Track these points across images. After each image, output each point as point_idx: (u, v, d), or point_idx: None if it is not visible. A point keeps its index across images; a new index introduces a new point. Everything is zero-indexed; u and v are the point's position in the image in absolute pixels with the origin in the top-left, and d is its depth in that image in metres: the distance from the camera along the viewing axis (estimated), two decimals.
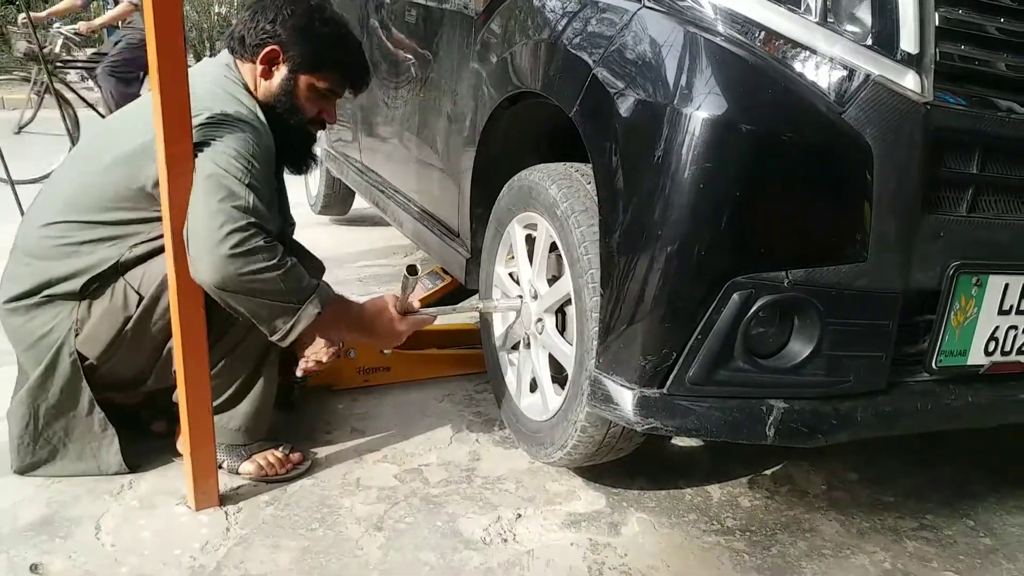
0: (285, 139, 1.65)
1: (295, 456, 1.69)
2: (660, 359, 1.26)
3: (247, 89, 1.62)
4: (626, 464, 1.74)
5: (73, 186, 1.56)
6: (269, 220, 1.43)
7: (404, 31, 2.47)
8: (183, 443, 1.52)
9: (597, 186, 1.35)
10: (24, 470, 1.59)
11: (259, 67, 1.62)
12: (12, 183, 3.44)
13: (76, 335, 1.52)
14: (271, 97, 1.64)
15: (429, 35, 2.23)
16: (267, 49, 1.61)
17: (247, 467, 1.65)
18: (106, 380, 1.58)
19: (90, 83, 5.86)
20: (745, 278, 1.21)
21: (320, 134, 1.87)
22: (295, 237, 1.80)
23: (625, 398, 1.29)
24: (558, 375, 1.65)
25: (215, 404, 1.53)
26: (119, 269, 1.50)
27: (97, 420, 1.58)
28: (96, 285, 1.51)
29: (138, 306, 1.51)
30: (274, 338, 1.47)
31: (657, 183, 1.22)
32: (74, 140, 4.56)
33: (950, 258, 1.27)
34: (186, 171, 1.35)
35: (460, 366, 2.23)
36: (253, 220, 1.38)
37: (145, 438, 1.73)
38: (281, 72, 1.63)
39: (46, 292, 1.52)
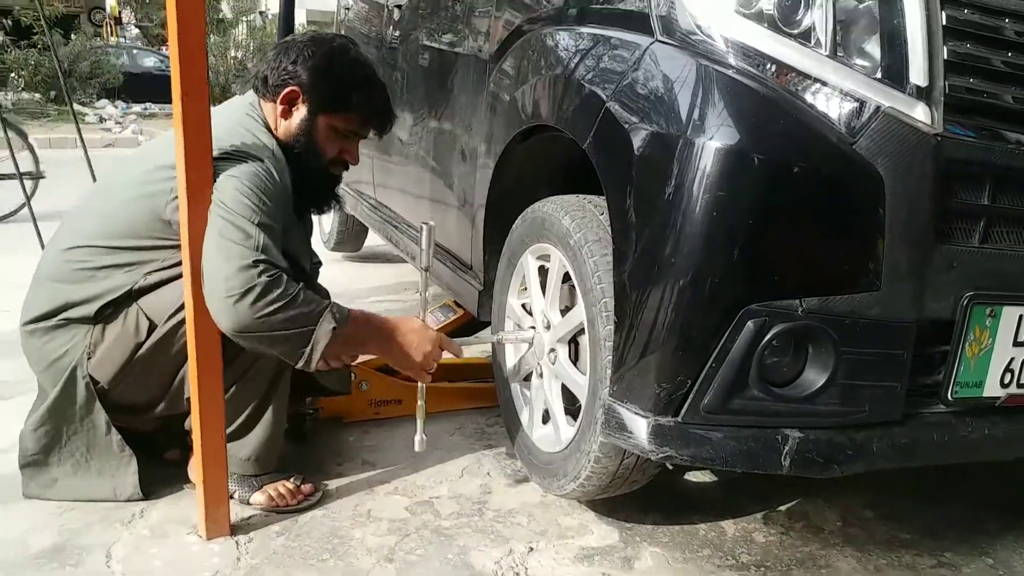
0: (305, 179, 1.67)
1: (306, 487, 1.68)
2: (675, 387, 1.25)
3: (267, 127, 1.65)
4: (639, 498, 1.72)
5: (93, 213, 1.61)
6: (279, 256, 1.44)
7: (419, 71, 2.52)
8: (195, 471, 1.52)
9: (611, 216, 1.37)
10: (42, 488, 1.59)
11: (279, 107, 1.64)
12: (35, 219, 3.50)
13: (89, 358, 1.54)
14: (290, 137, 1.65)
15: (443, 75, 2.28)
16: (287, 89, 1.62)
17: (258, 498, 1.64)
18: (118, 404, 1.59)
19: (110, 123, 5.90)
20: (759, 306, 1.21)
21: None
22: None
23: (639, 426, 1.28)
24: (571, 406, 1.64)
25: (226, 432, 1.53)
26: (133, 295, 1.53)
27: (115, 441, 1.60)
28: (111, 310, 1.53)
29: (149, 333, 1.53)
30: (299, 364, 1.45)
31: (670, 212, 1.23)
32: None
33: (964, 288, 1.27)
34: (205, 199, 1.37)
35: (471, 400, 2.22)
36: (262, 257, 1.39)
37: (158, 465, 1.73)
38: (300, 112, 1.64)
39: (63, 315, 1.55)
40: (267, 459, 1.65)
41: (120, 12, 19.87)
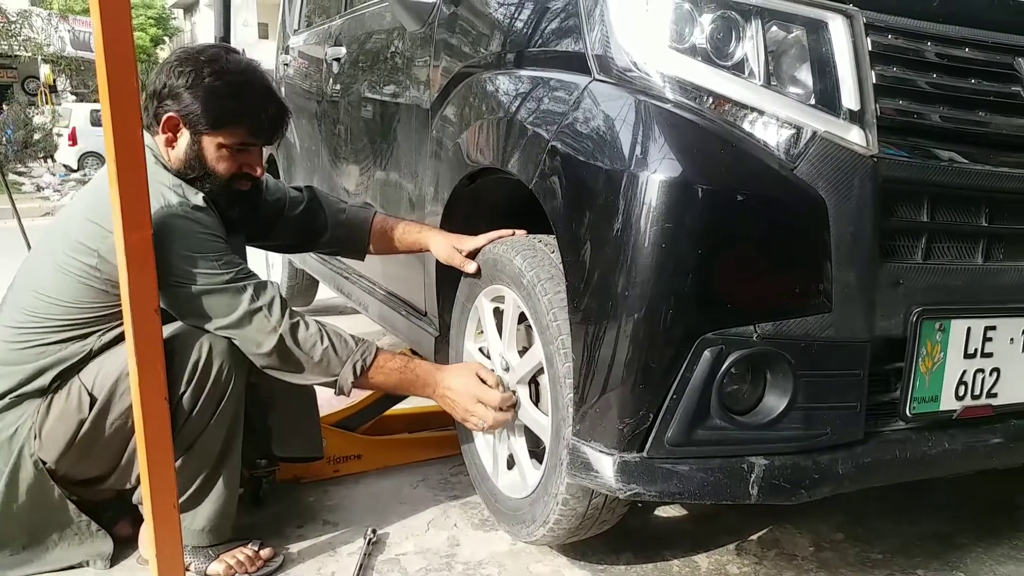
0: (217, 205, 1.59)
1: (265, 552, 1.62)
2: (637, 421, 1.24)
3: (161, 163, 1.57)
4: (610, 539, 1.69)
5: (30, 289, 1.54)
6: (252, 273, 1.52)
7: (361, 123, 2.51)
8: (147, 546, 1.45)
9: (561, 252, 1.36)
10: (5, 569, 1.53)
11: (163, 136, 1.55)
12: None
13: (36, 438, 1.48)
14: (181, 165, 1.56)
15: (386, 125, 2.27)
16: (165, 117, 1.53)
17: (215, 568, 1.57)
18: (68, 480, 1.53)
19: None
20: (714, 335, 1.21)
21: None
22: None
23: (605, 464, 1.26)
24: (535, 448, 1.62)
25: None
26: (89, 359, 1.49)
27: (71, 510, 1.55)
28: (58, 383, 1.49)
29: (91, 408, 1.48)
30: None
31: (619, 246, 1.23)
32: None
33: (912, 305, 1.28)
34: (147, 259, 1.33)
35: (433, 449, 2.17)
36: (274, 289, 1.52)
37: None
38: (184, 137, 1.55)
39: (16, 393, 1.50)
40: (221, 529, 1.58)
41: (55, 80, 19.59)
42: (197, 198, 1.55)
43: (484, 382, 1.61)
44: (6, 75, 19.97)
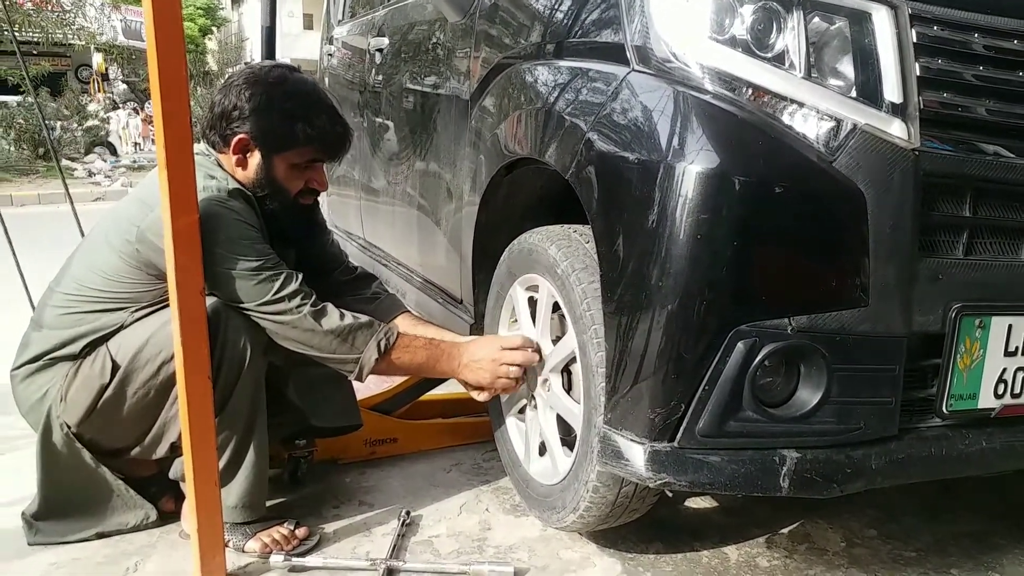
0: (280, 219, 1.66)
1: (301, 531, 1.66)
2: (669, 412, 1.25)
3: (219, 165, 1.63)
4: (640, 528, 1.70)
5: (82, 260, 1.63)
6: (284, 266, 1.55)
7: (402, 113, 2.54)
8: (189, 521, 1.50)
9: (596, 243, 1.37)
10: (43, 535, 1.61)
11: (233, 157, 1.61)
12: (22, 275, 3.46)
13: (62, 401, 1.55)
14: (253, 183, 1.62)
15: (427, 115, 2.30)
16: (236, 139, 1.59)
17: (252, 545, 1.61)
18: (95, 449, 1.60)
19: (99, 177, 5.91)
20: (748, 327, 1.21)
21: (324, 212, 1.92)
22: None
23: (636, 453, 1.27)
24: (567, 437, 1.63)
25: None
26: (120, 331, 1.55)
27: (108, 476, 1.62)
28: (88, 349, 1.55)
29: (113, 375, 1.53)
30: (351, 377, 1.61)
31: (655, 237, 1.24)
32: None
33: (951, 300, 1.27)
34: (194, 243, 1.37)
35: (467, 435, 2.20)
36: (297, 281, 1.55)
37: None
38: (255, 158, 1.61)
39: (50, 356, 1.57)
40: (255, 504, 1.63)
41: (107, 68, 20.04)
42: (232, 184, 1.59)
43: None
44: (60, 63, 20.46)
